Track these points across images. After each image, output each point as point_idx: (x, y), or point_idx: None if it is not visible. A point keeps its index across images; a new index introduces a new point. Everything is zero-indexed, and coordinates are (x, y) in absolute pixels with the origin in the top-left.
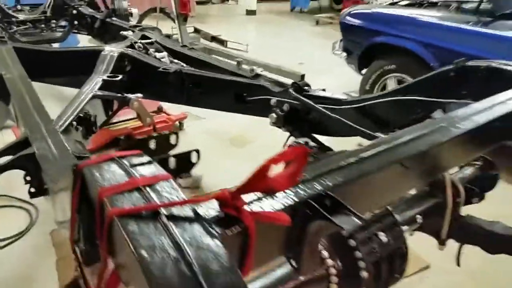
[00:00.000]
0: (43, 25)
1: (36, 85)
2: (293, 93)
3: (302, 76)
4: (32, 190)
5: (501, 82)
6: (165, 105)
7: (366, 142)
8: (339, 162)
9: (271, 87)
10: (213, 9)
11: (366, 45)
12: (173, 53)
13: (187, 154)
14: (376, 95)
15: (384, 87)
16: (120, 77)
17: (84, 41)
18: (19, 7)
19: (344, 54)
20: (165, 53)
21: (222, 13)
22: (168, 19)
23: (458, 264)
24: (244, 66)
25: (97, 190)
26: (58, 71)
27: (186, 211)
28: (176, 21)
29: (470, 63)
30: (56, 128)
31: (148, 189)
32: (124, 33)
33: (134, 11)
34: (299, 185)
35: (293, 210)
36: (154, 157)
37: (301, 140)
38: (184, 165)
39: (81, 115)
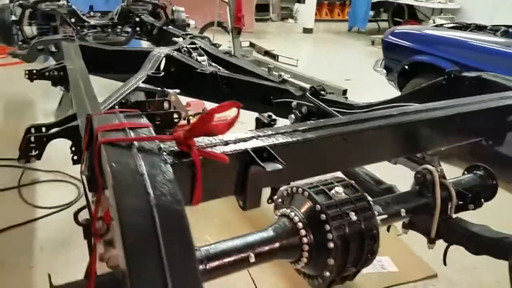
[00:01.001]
0: (110, 30)
1: (93, 78)
2: (310, 96)
3: (344, 91)
4: (75, 158)
5: (490, 92)
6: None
7: None
8: (287, 129)
9: (295, 91)
10: (271, 26)
11: (405, 63)
12: (214, 58)
13: (171, 114)
14: (382, 101)
15: None
16: (163, 74)
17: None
18: (92, 13)
19: (384, 71)
20: (205, 57)
21: (279, 31)
22: (226, 33)
23: (445, 263)
24: (274, 73)
25: (95, 128)
26: (113, 67)
27: (152, 145)
28: (230, 34)
29: (463, 73)
30: (100, 108)
31: (130, 130)
32: (176, 39)
33: (191, 22)
34: (246, 139)
35: (237, 156)
36: (143, 113)
37: None
38: (168, 122)
39: (123, 101)
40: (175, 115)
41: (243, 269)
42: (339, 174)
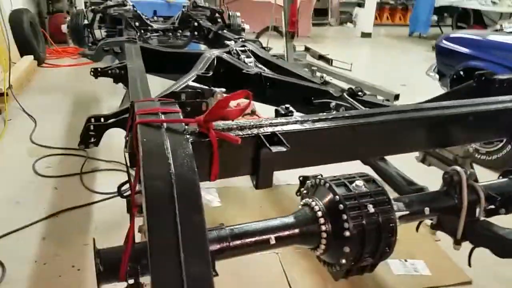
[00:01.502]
0: (171, 34)
1: (151, 78)
2: (347, 97)
3: (396, 96)
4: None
5: None
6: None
7: None
8: (299, 118)
9: (335, 92)
10: (329, 31)
11: (459, 68)
12: (262, 61)
13: (200, 103)
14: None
15: None
16: (211, 73)
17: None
18: (155, 18)
19: (437, 76)
20: (252, 59)
21: (337, 35)
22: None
23: (469, 265)
24: (318, 74)
25: (135, 112)
26: (169, 67)
27: (178, 126)
28: (284, 38)
29: (494, 76)
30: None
31: (162, 114)
32: (228, 42)
33: (247, 27)
34: (260, 125)
35: (249, 139)
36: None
37: None
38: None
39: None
40: (203, 105)
41: (264, 250)
42: (368, 171)
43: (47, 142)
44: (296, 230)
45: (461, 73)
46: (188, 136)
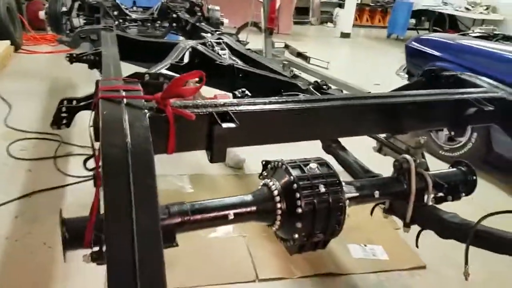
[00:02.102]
0: (149, 24)
1: (126, 65)
2: (313, 90)
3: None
4: None
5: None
6: None
7: None
8: (255, 100)
9: (302, 85)
10: (310, 30)
11: (425, 68)
12: (237, 54)
13: (161, 84)
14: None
15: None
16: (184, 63)
17: None
18: (134, 8)
19: (406, 76)
20: (226, 51)
21: (317, 34)
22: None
23: (417, 246)
24: (292, 68)
25: (99, 89)
26: (144, 56)
27: (138, 102)
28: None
29: (442, 72)
30: None
31: (123, 91)
32: (204, 34)
33: (225, 20)
34: (215, 105)
35: (203, 116)
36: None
37: None
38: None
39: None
40: (165, 86)
41: (222, 225)
42: (327, 157)
43: (22, 126)
44: (254, 208)
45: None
46: (146, 111)
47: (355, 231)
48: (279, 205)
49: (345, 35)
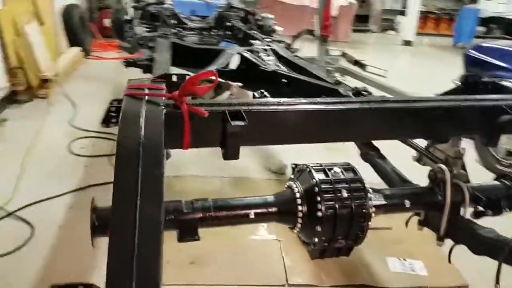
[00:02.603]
0: (205, 32)
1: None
2: (351, 95)
3: None
4: None
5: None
6: None
7: None
8: (270, 101)
9: (343, 91)
10: (371, 37)
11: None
12: (282, 59)
13: None
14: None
15: None
16: (230, 68)
17: None
18: (193, 17)
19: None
20: (272, 58)
21: (377, 42)
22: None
23: (449, 261)
24: (336, 75)
25: (126, 87)
26: (194, 61)
27: (157, 100)
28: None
29: (481, 79)
30: None
31: (147, 89)
32: (254, 41)
33: (279, 28)
34: (230, 104)
35: (216, 114)
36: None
37: None
38: None
39: None
40: None
41: (243, 223)
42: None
43: (84, 126)
44: (275, 208)
45: None
46: (163, 107)
47: (396, 244)
48: (300, 208)
49: (407, 43)
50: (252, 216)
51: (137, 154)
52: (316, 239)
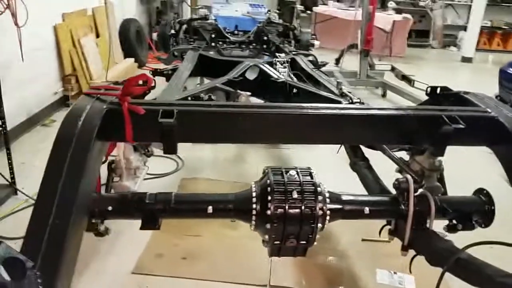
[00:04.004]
0: (244, 46)
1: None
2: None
3: None
4: None
5: None
6: None
7: None
8: (211, 102)
9: (345, 103)
10: (429, 53)
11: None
12: (302, 72)
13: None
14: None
15: None
16: (241, 78)
17: None
18: (236, 32)
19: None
20: (286, 69)
21: (435, 58)
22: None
23: (410, 271)
24: (344, 87)
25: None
26: (217, 72)
27: (107, 98)
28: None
29: (447, 91)
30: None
31: (104, 90)
32: (279, 54)
33: (316, 42)
34: (170, 104)
35: (152, 111)
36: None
37: None
38: None
39: (200, 95)
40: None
41: (202, 217)
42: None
43: None
44: (232, 205)
45: None
46: (107, 105)
47: (391, 258)
48: (254, 206)
49: (466, 60)
50: (210, 211)
51: (70, 143)
52: (267, 236)
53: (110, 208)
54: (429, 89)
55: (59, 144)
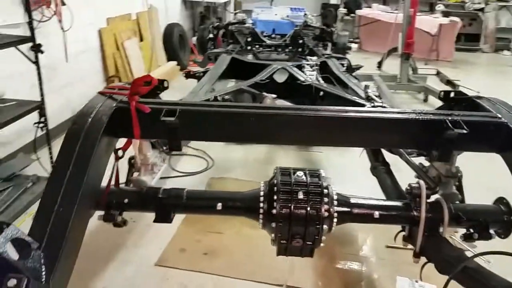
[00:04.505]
0: (280, 49)
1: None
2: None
3: None
4: None
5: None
6: None
7: None
8: (214, 103)
9: (368, 106)
10: (479, 57)
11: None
12: (332, 75)
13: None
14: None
15: None
16: (267, 81)
17: None
18: (273, 35)
19: None
20: (314, 72)
21: (486, 62)
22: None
23: (421, 279)
24: (369, 90)
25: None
26: (247, 75)
27: (117, 97)
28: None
29: (461, 95)
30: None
31: (118, 89)
32: (311, 57)
33: (353, 46)
34: (176, 104)
35: (158, 110)
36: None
37: None
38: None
39: (226, 97)
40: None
41: (212, 214)
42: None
43: None
44: (240, 203)
45: None
46: (116, 104)
47: (415, 265)
48: (261, 205)
49: None
50: (219, 208)
51: (78, 137)
52: (273, 235)
53: (126, 200)
54: (442, 94)
55: (69, 139)
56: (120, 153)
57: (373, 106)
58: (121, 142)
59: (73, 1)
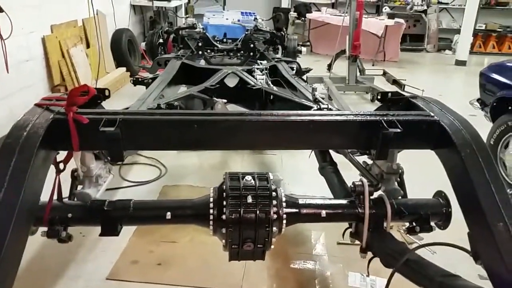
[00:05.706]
0: (231, 54)
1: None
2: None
3: None
4: None
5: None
6: None
7: None
8: (156, 111)
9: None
10: (423, 57)
11: (497, 97)
12: (281, 78)
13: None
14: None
15: (507, 145)
16: (217, 86)
17: None
18: (225, 40)
19: (477, 104)
20: (264, 76)
21: (428, 62)
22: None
23: (368, 274)
24: (317, 93)
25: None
26: (197, 80)
27: (54, 108)
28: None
29: (399, 95)
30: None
31: (55, 100)
32: (260, 61)
33: (303, 49)
34: (116, 113)
35: (97, 120)
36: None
37: None
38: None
39: (175, 103)
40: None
41: (162, 223)
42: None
43: None
44: (190, 211)
45: (496, 103)
46: (53, 115)
47: (366, 260)
48: (211, 211)
49: (460, 63)
50: (168, 217)
51: (13, 152)
52: (224, 241)
53: (70, 215)
54: (379, 95)
55: (2, 154)
56: (61, 166)
57: (319, 108)
58: (62, 154)
59: (12, 8)
